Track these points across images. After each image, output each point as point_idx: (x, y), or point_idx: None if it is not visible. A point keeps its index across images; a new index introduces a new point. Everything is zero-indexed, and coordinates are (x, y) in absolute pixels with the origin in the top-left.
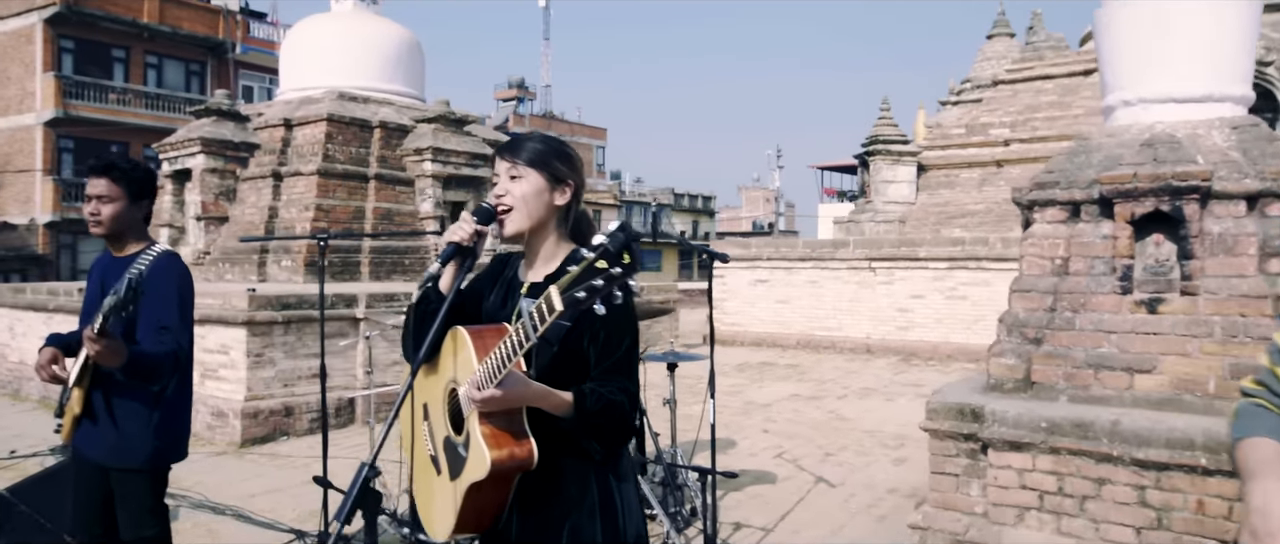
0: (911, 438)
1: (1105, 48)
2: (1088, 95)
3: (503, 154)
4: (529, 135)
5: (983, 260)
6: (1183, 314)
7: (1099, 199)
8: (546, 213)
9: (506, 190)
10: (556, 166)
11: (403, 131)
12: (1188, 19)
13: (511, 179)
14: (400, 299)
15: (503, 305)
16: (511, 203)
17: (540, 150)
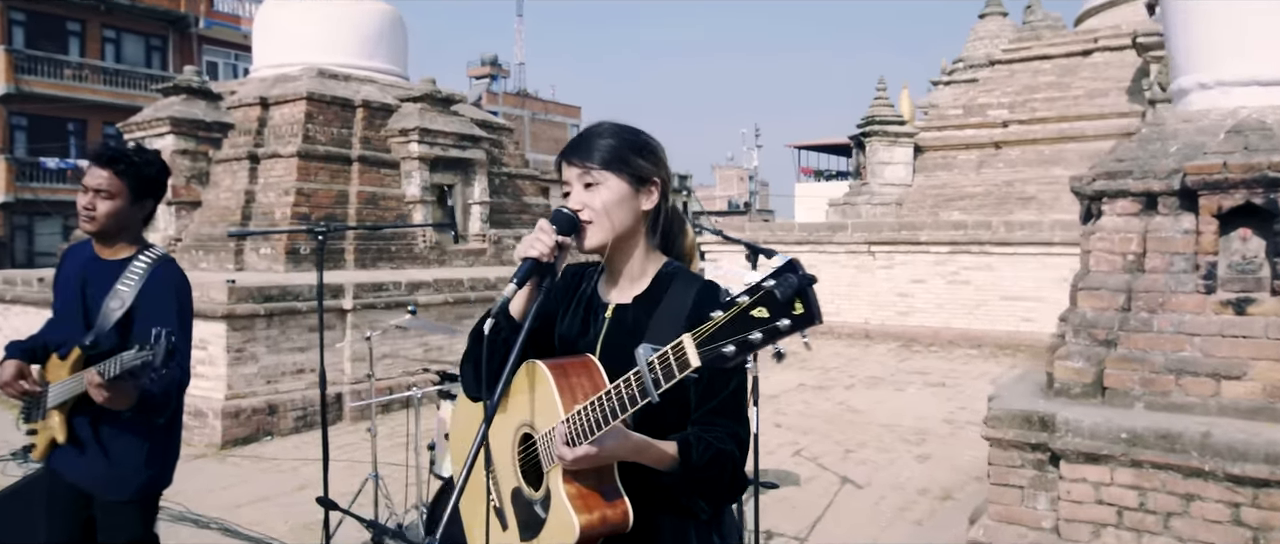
0: (931, 432)
1: (1176, 26)
2: (1086, 76)
3: (571, 158)
4: (596, 129)
5: (985, 244)
6: (1275, 316)
7: (1180, 190)
8: (633, 221)
9: (583, 202)
10: (638, 164)
11: (387, 111)
12: None
13: (587, 188)
14: (388, 289)
15: (583, 331)
16: (591, 216)
17: (615, 147)
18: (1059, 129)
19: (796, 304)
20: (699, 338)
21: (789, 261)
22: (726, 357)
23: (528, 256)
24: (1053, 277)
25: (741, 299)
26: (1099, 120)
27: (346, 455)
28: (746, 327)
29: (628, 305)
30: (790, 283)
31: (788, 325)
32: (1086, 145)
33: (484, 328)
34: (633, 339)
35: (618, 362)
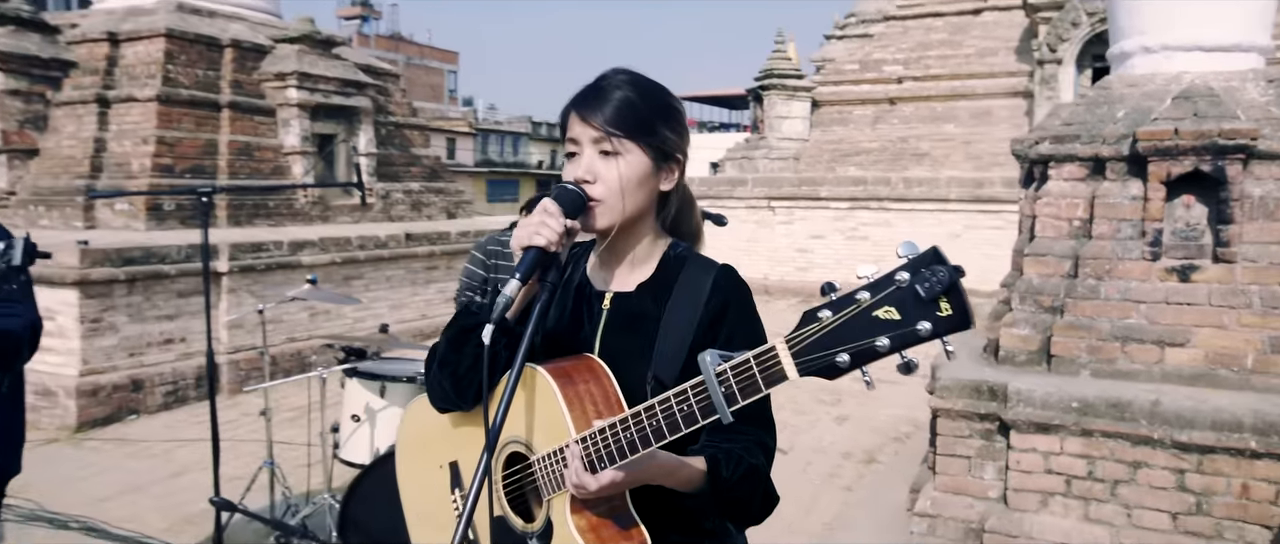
0: (845, 391)
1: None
2: (976, 35)
3: (588, 115)
4: (614, 79)
5: (884, 200)
6: (1218, 283)
7: (1129, 156)
8: (647, 204)
9: (596, 174)
10: (665, 136)
11: (260, 52)
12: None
13: (604, 155)
14: (269, 249)
15: (575, 325)
16: (603, 193)
17: (643, 110)
18: (951, 86)
19: (942, 303)
20: (798, 344)
21: (932, 249)
22: (838, 368)
23: (532, 246)
24: (947, 232)
25: (861, 296)
26: (989, 79)
27: (229, 434)
28: (869, 331)
29: (629, 294)
30: (937, 277)
31: (928, 330)
32: (977, 103)
33: (469, 331)
34: (637, 335)
35: (620, 363)
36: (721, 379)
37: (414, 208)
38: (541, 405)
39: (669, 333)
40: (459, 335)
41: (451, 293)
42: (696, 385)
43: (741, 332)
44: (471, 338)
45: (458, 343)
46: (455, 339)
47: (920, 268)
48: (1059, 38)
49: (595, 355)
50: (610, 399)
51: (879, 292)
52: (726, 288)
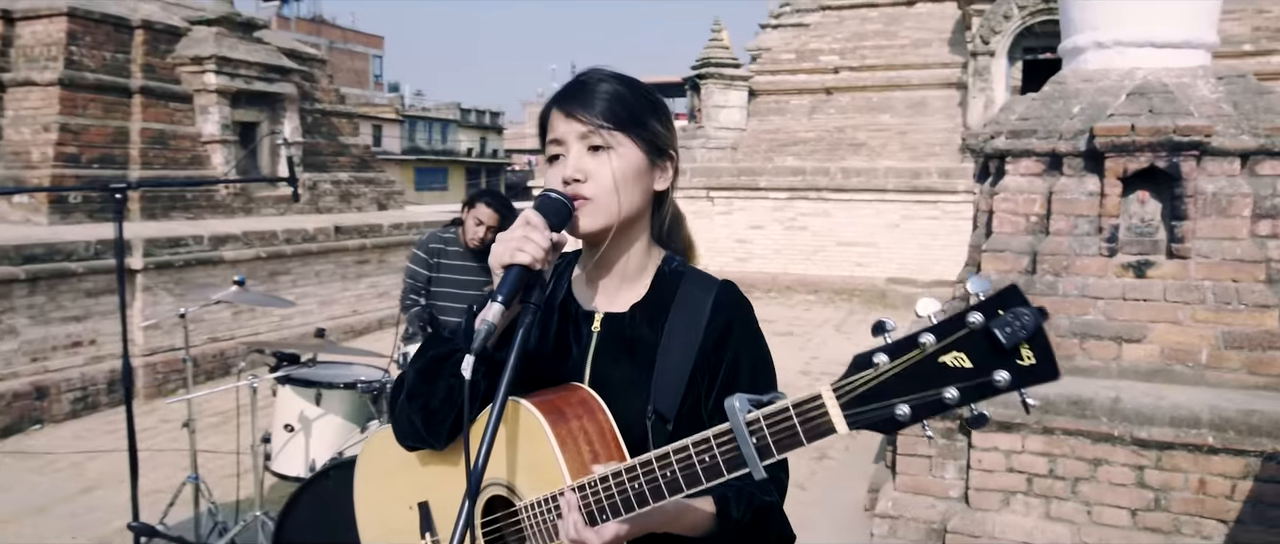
0: (789, 385)
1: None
2: (911, 26)
3: (572, 109)
4: (596, 74)
5: (823, 191)
6: (1173, 279)
7: (1085, 152)
8: (642, 204)
9: (586, 172)
10: (655, 129)
11: (174, 34)
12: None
13: (593, 151)
14: (188, 244)
15: (561, 350)
16: (594, 191)
17: (630, 102)
18: (887, 77)
19: (1023, 351)
20: (848, 392)
21: (1010, 287)
22: (897, 422)
23: (515, 264)
24: (885, 223)
25: (924, 339)
26: (923, 70)
27: (147, 444)
28: (934, 380)
29: (622, 315)
30: (1021, 321)
31: (1006, 382)
32: (912, 93)
33: (442, 361)
34: (633, 362)
35: (614, 394)
36: (753, 429)
37: (343, 199)
38: (529, 444)
39: (668, 360)
40: (431, 366)
41: (384, 288)
42: (722, 435)
43: (748, 357)
44: (445, 368)
45: (429, 374)
46: (426, 370)
47: (996, 309)
48: (991, 30)
49: (585, 384)
50: (606, 436)
51: (947, 335)
52: (729, 307)
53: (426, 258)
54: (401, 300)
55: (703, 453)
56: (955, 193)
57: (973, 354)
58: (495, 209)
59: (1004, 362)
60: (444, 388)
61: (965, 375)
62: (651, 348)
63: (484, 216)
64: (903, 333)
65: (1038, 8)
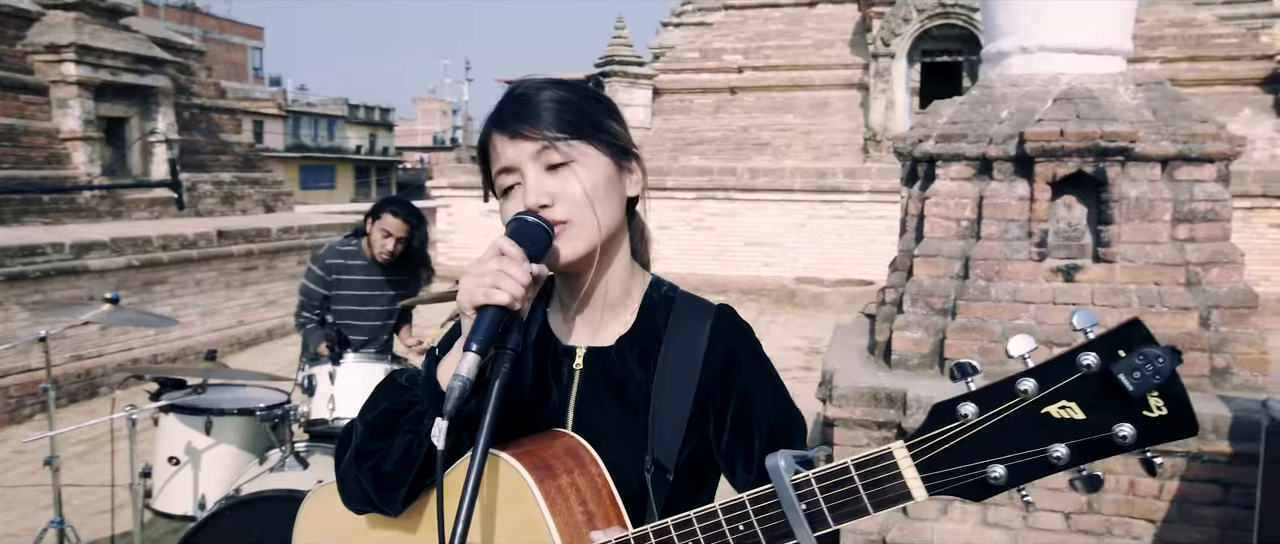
0: None
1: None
2: (812, 27)
3: (515, 129)
4: (533, 84)
5: (730, 190)
6: (1100, 282)
7: (1015, 156)
8: (621, 216)
9: (552, 193)
10: (613, 128)
11: (24, 19)
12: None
13: (552, 171)
14: (46, 252)
15: (541, 390)
16: (568, 212)
17: (579, 107)
18: (790, 77)
19: (1152, 400)
20: (926, 450)
21: (1132, 322)
22: (990, 486)
23: (491, 305)
24: (792, 223)
25: (1024, 386)
26: (826, 70)
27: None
28: (1039, 435)
29: (607, 349)
30: (1152, 364)
31: (1131, 438)
32: (815, 94)
33: (398, 414)
34: (623, 405)
35: (604, 442)
36: (803, 493)
37: (225, 201)
38: (511, 506)
39: (663, 400)
40: (382, 420)
41: (273, 296)
42: (762, 500)
43: (759, 393)
44: (401, 424)
45: (381, 430)
46: (378, 425)
47: (1117, 349)
48: (892, 32)
49: (570, 430)
50: (600, 493)
51: (1052, 380)
52: (730, 336)
53: (322, 274)
54: (295, 318)
55: (736, 520)
56: (860, 193)
57: (1085, 403)
58: (404, 219)
59: (1126, 413)
60: (401, 446)
61: (1077, 429)
62: (643, 386)
63: (392, 227)
64: (997, 378)
65: (935, 11)
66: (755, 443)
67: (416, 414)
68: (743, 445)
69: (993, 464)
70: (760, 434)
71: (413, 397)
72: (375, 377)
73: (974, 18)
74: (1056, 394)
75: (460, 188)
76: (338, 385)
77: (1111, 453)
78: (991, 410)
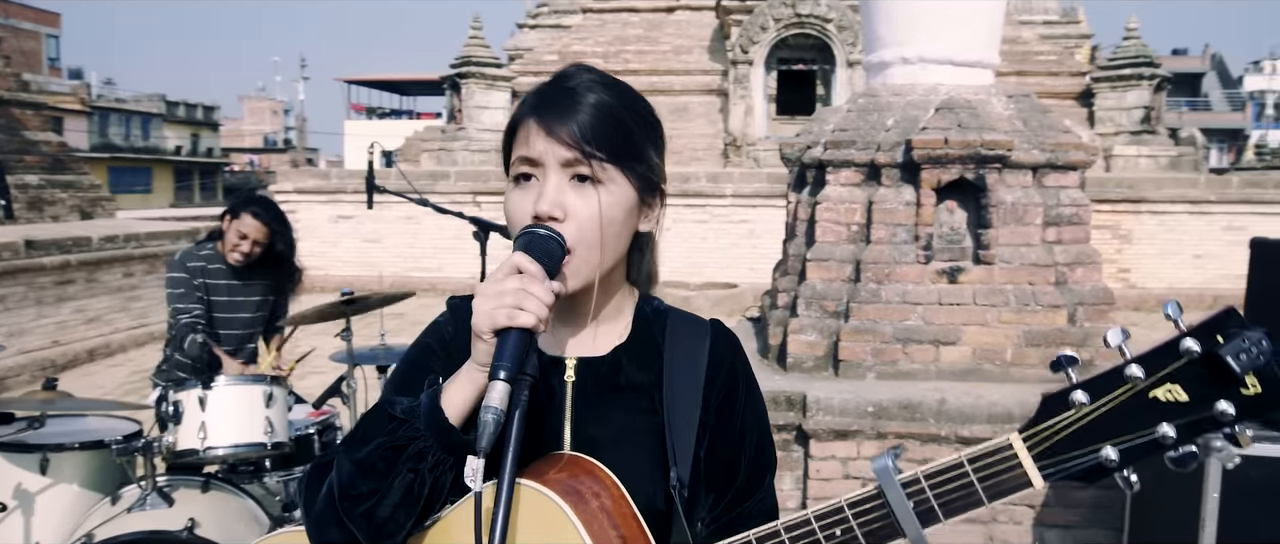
0: None
1: (881, 1)
2: (671, 32)
3: (555, 125)
4: (580, 78)
5: None
6: (981, 284)
7: (902, 163)
8: (625, 250)
9: (566, 209)
10: (653, 162)
11: None
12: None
13: (578, 181)
14: None
15: (533, 409)
16: (575, 238)
17: (627, 122)
18: (650, 82)
19: (1249, 380)
20: (1042, 439)
21: (1229, 310)
22: (1104, 469)
23: (515, 328)
24: None
25: (1132, 373)
26: (685, 76)
27: None
28: (1146, 417)
29: (600, 359)
30: (1257, 348)
31: (1231, 414)
32: (675, 99)
33: (400, 450)
34: (625, 413)
35: (606, 456)
36: (912, 491)
37: (33, 207)
38: (545, 535)
39: (676, 411)
40: (379, 457)
41: (95, 312)
42: (861, 503)
43: (751, 411)
44: (400, 462)
45: (376, 469)
46: (372, 463)
47: (1216, 334)
48: (750, 40)
49: (567, 448)
50: (626, 516)
51: (1158, 366)
52: (730, 354)
53: (188, 278)
54: (170, 326)
55: (833, 526)
56: (722, 197)
57: (1189, 385)
58: (264, 222)
59: (1226, 392)
60: (401, 487)
61: (1182, 410)
62: (646, 396)
63: (249, 229)
64: (1104, 368)
65: (791, 21)
66: (742, 460)
67: (418, 451)
68: (726, 464)
69: (1105, 447)
70: (747, 453)
71: (413, 431)
72: (251, 399)
73: (827, 28)
74: (1163, 379)
75: (307, 192)
76: (209, 411)
77: (1212, 429)
78: (1103, 398)
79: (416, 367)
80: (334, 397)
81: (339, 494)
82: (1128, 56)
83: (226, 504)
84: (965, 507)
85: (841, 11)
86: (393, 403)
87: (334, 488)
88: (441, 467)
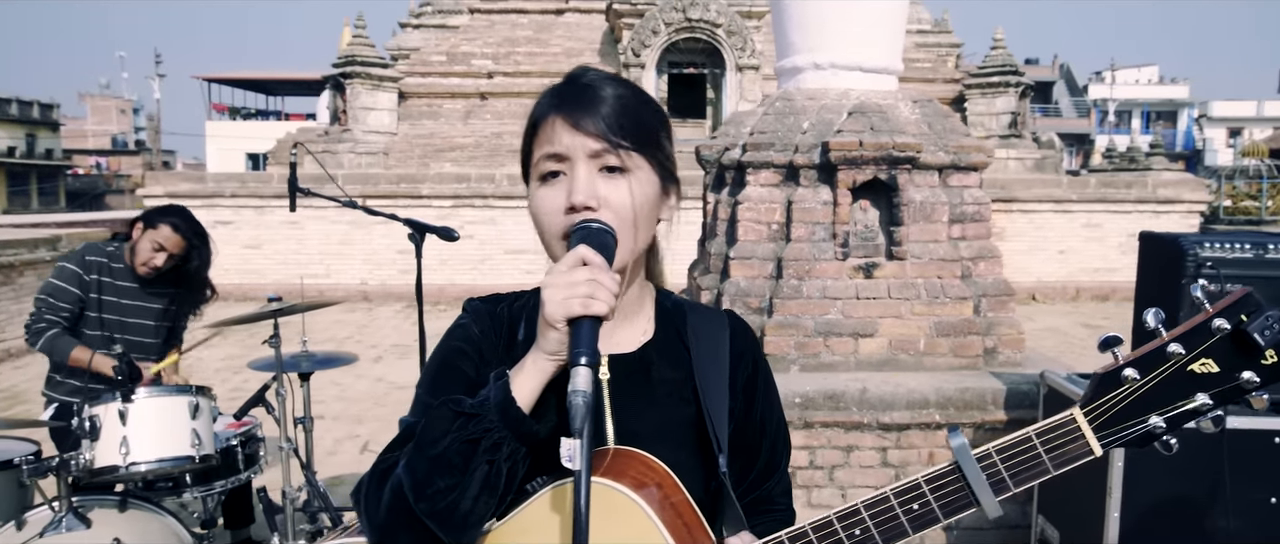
0: None
1: (792, 8)
2: (561, 35)
3: (581, 118)
4: (596, 76)
5: (490, 198)
6: (894, 278)
7: (819, 164)
8: (651, 238)
9: (601, 199)
10: (668, 150)
11: None
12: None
13: (608, 172)
14: None
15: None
16: (614, 224)
17: (645, 116)
18: (542, 83)
19: (1268, 352)
20: (1101, 412)
21: (1246, 292)
22: (1152, 435)
23: (589, 316)
24: None
25: (1173, 350)
26: None
27: None
28: (1186, 388)
29: (630, 355)
30: (1275, 323)
31: (1255, 381)
32: None
33: (475, 443)
34: (661, 406)
35: (649, 448)
36: (986, 465)
37: None
38: (620, 528)
39: (713, 404)
40: (456, 452)
41: None
42: (936, 479)
43: (770, 397)
44: (477, 455)
45: (453, 464)
46: (448, 459)
47: (1240, 314)
48: (642, 44)
49: (611, 442)
50: (685, 506)
51: (1195, 343)
52: (749, 344)
53: (81, 273)
54: (31, 325)
55: (911, 501)
56: (708, 204)
57: (1220, 359)
58: (183, 235)
59: (1250, 363)
60: (479, 479)
61: (1214, 380)
62: (679, 388)
63: (166, 241)
64: (1149, 347)
65: (681, 26)
66: (763, 445)
67: (493, 443)
68: (750, 449)
69: (1152, 417)
70: (767, 437)
71: (486, 424)
72: (176, 411)
73: (717, 33)
74: (1199, 355)
75: (181, 197)
76: (131, 425)
77: (1239, 397)
78: (1151, 373)
79: (449, 368)
80: (256, 406)
81: (414, 494)
82: (996, 65)
83: (147, 523)
84: (1033, 476)
85: (731, 17)
86: (458, 401)
87: (406, 489)
88: (515, 457)
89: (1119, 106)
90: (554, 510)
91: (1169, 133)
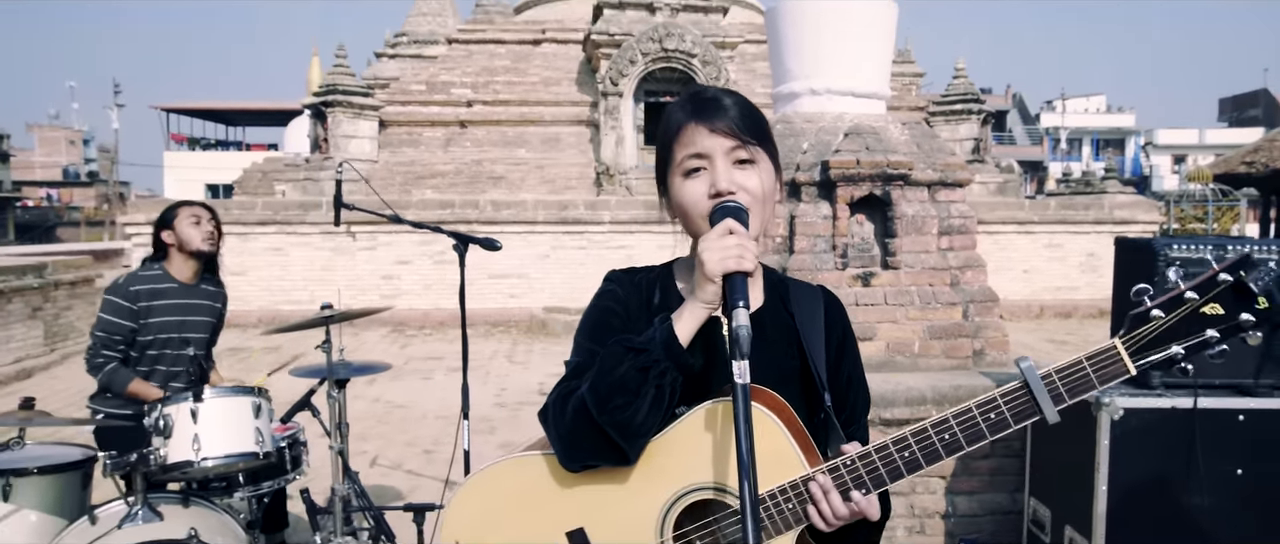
0: (491, 418)
1: (789, 38)
2: (539, 64)
3: (715, 122)
4: (711, 88)
5: (473, 223)
6: (890, 286)
7: (820, 182)
8: (772, 215)
9: (738, 184)
10: (776, 147)
11: None
12: (861, 26)
13: (741, 165)
14: None
15: (710, 364)
16: (750, 204)
17: (759, 118)
18: (521, 112)
19: (1261, 299)
20: (1135, 342)
21: (1245, 255)
22: (1174, 360)
23: (739, 272)
24: (536, 254)
25: (1190, 295)
26: (555, 107)
27: None
28: (1199, 325)
29: (751, 315)
30: (1268, 275)
31: (1252, 321)
32: (546, 129)
33: (646, 371)
34: (774, 360)
35: (764, 386)
36: (1047, 381)
37: None
38: (762, 440)
39: (815, 356)
40: (631, 377)
41: None
42: (1009, 393)
43: (856, 359)
44: (648, 379)
45: (629, 386)
46: (625, 382)
47: (1239, 270)
48: (620, 73)
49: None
50: (802, 430)
51: (1207, 291)
52: (840, 315)
53: (129, 304)
54: (89, 361)
55: (989, 411)
56: (601, 224)
57: (1225, 303)
58: (204, 206)
59: (1246, 306)
60: (650, 398)
61: (1220, 320)
62: (786, 343)
63: (198, 214)
64: (1169, 294)
65: (658, 55)
66: (851, 396)
67: (661, 371)
68: (840, 400)
69: (1174, 345)
70: (854, 391)
71: (655, 355)
72: (241, 410)
73: (692, 63)
74: (1209, 299)
75: None
76: (201, 423)
77: (1238, 333)
78: (1172, 313)
79: (603, 321)
80: (301, 411)
81: (597, 409)
82: (958, 94)
83: (209, 519)
84: (1083, 390)
85: (705, 47)
86: (628, 339)
87: (589, 406)
88: (676, 383)
89: (1069, 135)
90: (704, 426)
91: (1118, 160)
